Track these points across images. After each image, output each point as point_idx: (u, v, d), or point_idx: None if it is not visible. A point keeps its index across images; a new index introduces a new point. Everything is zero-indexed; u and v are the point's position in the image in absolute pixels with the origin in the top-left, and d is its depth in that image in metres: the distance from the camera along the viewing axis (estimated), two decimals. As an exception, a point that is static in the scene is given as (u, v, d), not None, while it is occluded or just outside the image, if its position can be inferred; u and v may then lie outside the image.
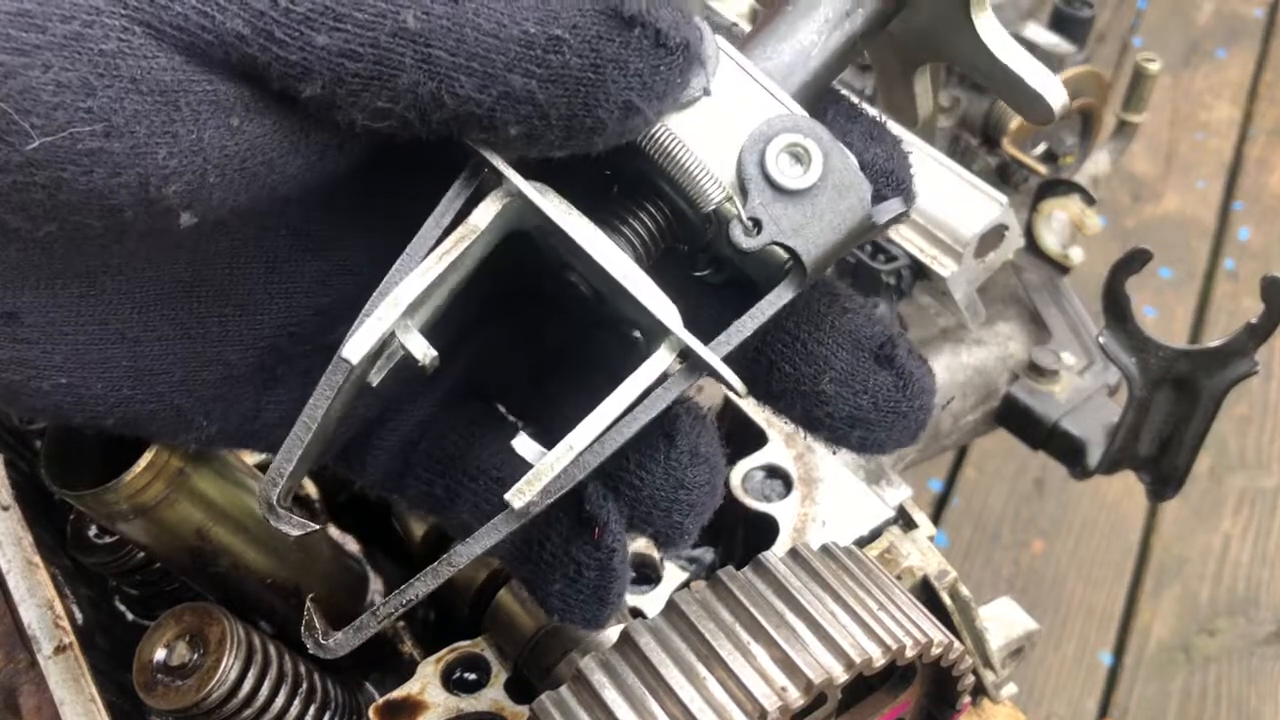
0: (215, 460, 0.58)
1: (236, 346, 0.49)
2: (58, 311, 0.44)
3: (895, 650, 0.51)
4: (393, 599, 0.47)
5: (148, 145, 0.38)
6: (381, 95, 0.40)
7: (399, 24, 0.38)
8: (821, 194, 0.45)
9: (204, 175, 0.40)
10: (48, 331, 0.44)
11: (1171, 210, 2.96)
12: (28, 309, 0.43)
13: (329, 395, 0.45)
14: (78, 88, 0.36)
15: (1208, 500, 2.37)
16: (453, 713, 0.61)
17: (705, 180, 0.45)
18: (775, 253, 0.46)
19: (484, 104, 0.40)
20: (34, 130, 0.36)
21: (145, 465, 0.53)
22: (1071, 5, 1.25)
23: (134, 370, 0.47)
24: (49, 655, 0.62)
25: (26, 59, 0.36)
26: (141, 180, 0.38)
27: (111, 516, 0.54)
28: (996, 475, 2.42)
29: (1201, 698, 2.08)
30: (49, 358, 0.45)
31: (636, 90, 0.41)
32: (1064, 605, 2.23)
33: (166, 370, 0.48)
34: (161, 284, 0.47)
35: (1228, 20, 3.49)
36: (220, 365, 0.49)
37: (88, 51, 0.36)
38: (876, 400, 0.49)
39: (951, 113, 1.21)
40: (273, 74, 0.39)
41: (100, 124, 0.37)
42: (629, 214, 0.48)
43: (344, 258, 0.50)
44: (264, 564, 0.62)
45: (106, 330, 0.46)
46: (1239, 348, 0.84)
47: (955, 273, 0.91)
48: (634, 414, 0.46)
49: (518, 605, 0.64)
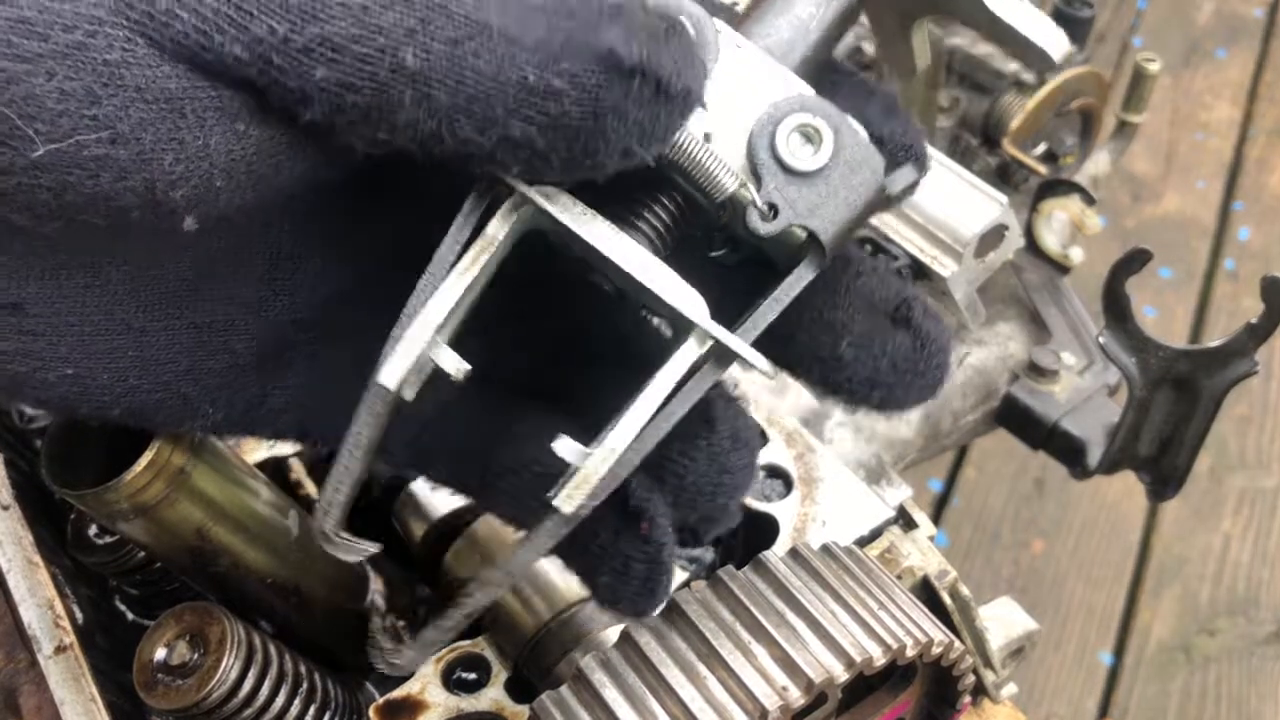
0: (216, 460, 0.58)
1: (242, 336, 0.49)
2: (63, 302, 0.44)
3: (896, 650, 0.51)
4: (455, 613, 0.47)
5: (154, 152, 0.38)
6: (380, 128, 0.40)
7: (398, 61, 0.38)
8: (834, 172, 0.45)
9: (210, 179, 0.40)
10: (53, 322, 0.44)
11: (1171, 210, 2.96)
12: (33, 300, 0.44)
13: (371, 422, 0.45)
14: (82, 96, 0.37)
15: (1208, 500, 2.37)
16: (453, 712, 0.61)
17: (719, 171, 0.45)
18: (793, 233, 0.46)
19: (484, 147, 0.40)
20: (39, 136, 0.36)
21: (145, 465, 0.53)
22: (1071, 5, 1.25)
23: (140, 360, 0.47)
24: (49, 655, 0.62)
25: (29, 66, 0.36)
26: (148, 185, 0.38)
27: (112, 516, 0.54)
28: (997, 475, 2.42)
29: (1201, 698, 2.08)
30: (54, 349, 0.45)
31: (635, 138, 0.41)
32: (1064, 605, 2.23)
33: (173, 360, 0.48)
34: (166, 276, 0.47)
35: (1228, 20, 3.49)
36: (226, 354, 0.49)
37: (91, 61, 0.37)
38: (895, 361, 0.50)
39: (951, 113, 1.21)
40: (272, 96, 0.39)
41: (105, 131, 0.37)
42: (642, 208, 0.48)
43: (347, 250, 0.51)
44: (264, 564, 0.62)
45: (112, 320, 0.46)
46: (1239, 348, 0.84)
47: (955, 273, 0.91)
48: (670, 407, 0.46)
49: (518, 605, 0.64)
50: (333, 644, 0.70)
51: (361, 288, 0.50)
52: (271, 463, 0.76)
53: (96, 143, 0.37)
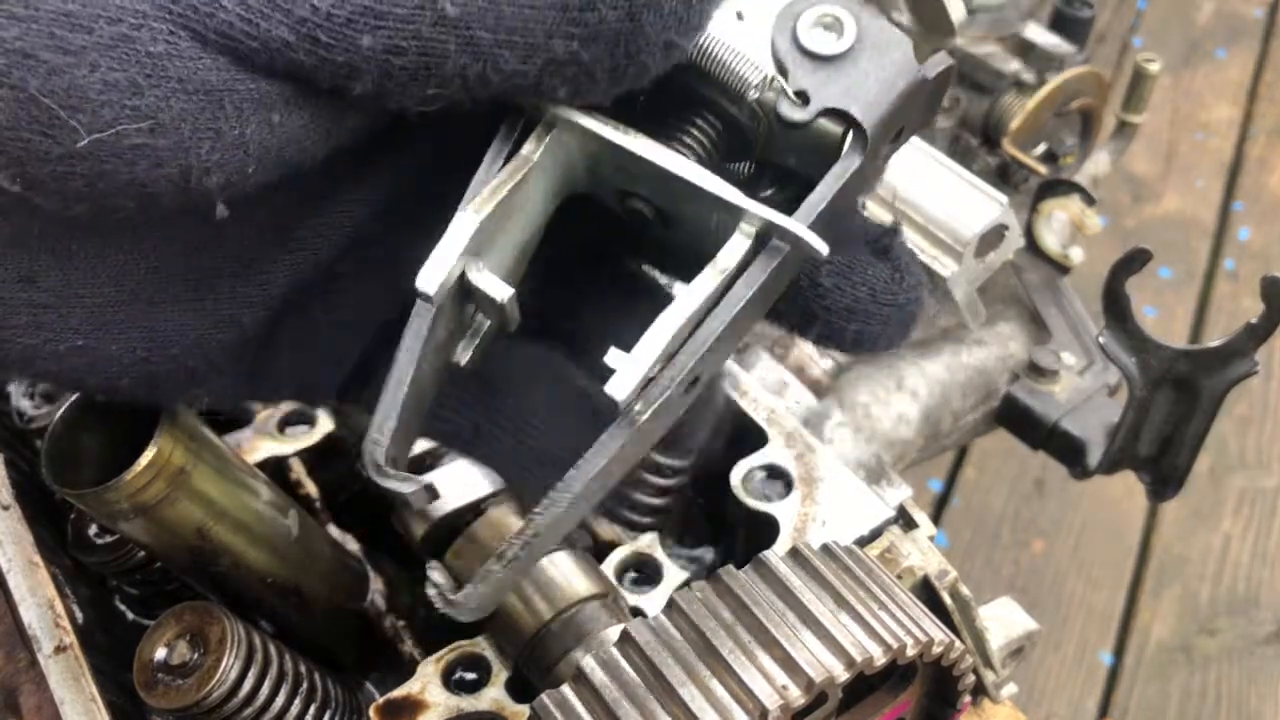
0: (216, 459, 0.58)
1: (248, 308, 0.50)
2: (75, 273, 0.45)
3: (896, 649, 0.51)
4: (515, 542, 0.45)
5: (192, 141, 0.39)
6: (430, 84, 0.41)
7: (439, 13, 0.39)
8: (861, 55, 0.45)
9: (244, 167, 0.41)
10: (64, 294, 0.45)
11: (1171, 210, 2.96)
12: (44, 272, 0.44)
13: (414, 345, 0.45)
14: (125, 87, 0.37)
15: (1208, 500, 2.37)
16: (453, 712, 0.61)
17: (742, 66, 0.45)
18: (831, 134, 0.46)
19: (530, 74, 0.41)
20: (81, 127, 0.37)
21: (146, 464, 0.53)
22: (1071, 5, 1.25)
23: (149, 331, 0.48)
24: (49, 655, 0.62)
25: (73, 59, 0.37)
26: (184, 173, 0.40)
27: (112, 515, 0.54)
28: (997, 475, 2.42)
29: (1201, 697, 2.08)
30: (65, 320, 0.45)
31: (674, 29, 0.42)
32: (1064, 605, 2.23)
33: (181, 332, 0.49)
34: (176, 249, 0.47)
35: (1228, 20, 3.49)
36: (235, 328, 0.50)
37: (135, 53, 0.38)
38: (874, 290, 0.51)
39: (951, 113, 1.21)
40: (321, 76, 0.40)
41: (147, 122, 0.38)
42: (680, 129, 0.48)
43: (342, 211, 0.51)
44: (264, 563, 0.62)
45: (122, 291, 0.46)
46: (1239, 348, 0.84)
47: (956, 273, 0.91)
48: (730, 296, 0.45)
49: (519, 604, 0.64)
50: (333, 644, 0.70)
51: (354, 244, 0.51)
52: (272, 462, 0.76)
53: (137, 132, 0.38)
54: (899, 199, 0.92)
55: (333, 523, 0.73)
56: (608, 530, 0.73)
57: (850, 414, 0.88)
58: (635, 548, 0.71)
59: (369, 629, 0.70)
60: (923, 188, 0.92)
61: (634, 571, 0.70)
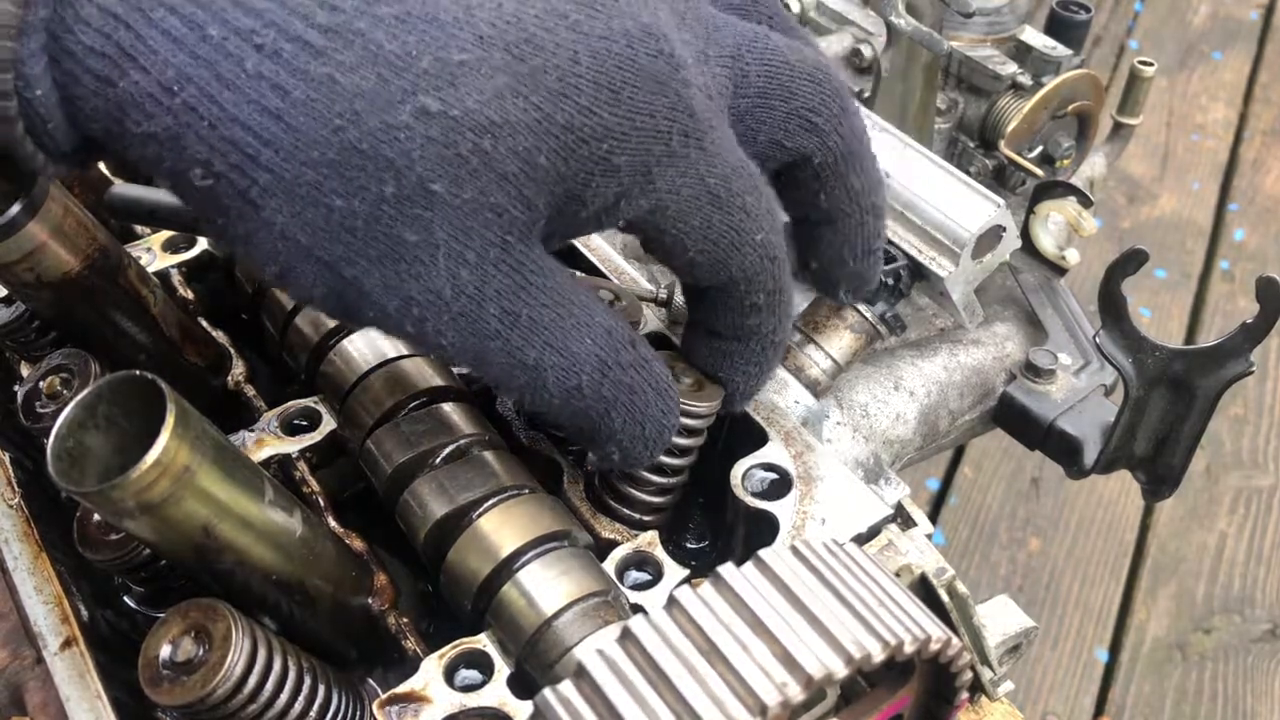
0: (221, 457, 0.58)
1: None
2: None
3: (894, 646, 0.51)
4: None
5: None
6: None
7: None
8: None
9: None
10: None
11: (1167, 211, 2.97)
12: None
13: None
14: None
15: (1203, 499, 2.37)
16: (456, 708, 0.62)
17: None
18: None
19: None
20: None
21: (152, 463, 0.53)
22: (1068, 8, 1.26)
23: None
24: (55, 652, 0.62)
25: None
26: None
27: (118, 513, 0.55)
28: (993, 474, 2.43)
29: (1197, 695, 2.08)
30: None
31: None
32: (1060, 603, 2.24)
33: None
34: None
35: (1223, 23, 3.50)
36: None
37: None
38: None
39: (949, 115, 1.21)
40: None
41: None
42: None
43: None
44: (269, 561, 0.62)
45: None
46: (1234, 348, 0.84)
47: (953, 274, 0.91)
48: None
49: (521, 601, 0.65)
50: (336, 640, 0.70)
51: None
52: (276, 460, 0.77)
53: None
54: (897, 200, 0.92)
55: (336, 520, 0.74)
56: (608, 529, 0.73)
57: (849, 414, 0.89)
58: (636, 546, 0.71)
59: (372, 626, 0.70)
60: (920, 189, 0.92)
61: (635, 569, 0.71)
